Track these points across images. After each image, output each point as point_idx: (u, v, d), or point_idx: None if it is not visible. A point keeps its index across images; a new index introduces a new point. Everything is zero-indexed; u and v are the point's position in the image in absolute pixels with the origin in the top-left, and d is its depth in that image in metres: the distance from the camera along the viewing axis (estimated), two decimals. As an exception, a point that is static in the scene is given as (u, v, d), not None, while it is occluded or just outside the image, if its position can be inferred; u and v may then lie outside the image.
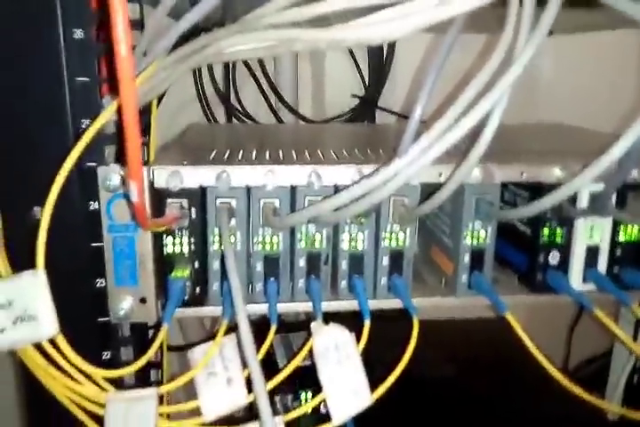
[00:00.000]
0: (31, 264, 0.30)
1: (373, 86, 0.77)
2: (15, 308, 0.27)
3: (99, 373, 0.30)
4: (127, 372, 0.31)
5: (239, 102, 0.74)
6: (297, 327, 0.51)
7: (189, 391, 0.32)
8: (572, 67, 0.77)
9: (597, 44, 0.75)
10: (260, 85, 0.75)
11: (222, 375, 0.31)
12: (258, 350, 0.30)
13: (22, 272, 0.29)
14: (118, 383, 0.33)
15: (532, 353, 0.36)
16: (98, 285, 0.34)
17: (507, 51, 0.29)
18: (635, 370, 0.53)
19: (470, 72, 0.68)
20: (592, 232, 0.40)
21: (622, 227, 0.40)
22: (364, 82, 0.77)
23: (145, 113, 0.40)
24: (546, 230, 0.39)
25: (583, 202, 0.38)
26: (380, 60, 0.75)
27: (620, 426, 0.49)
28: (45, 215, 0.29)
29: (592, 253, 0.40)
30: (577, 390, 0.36)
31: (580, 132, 0.58)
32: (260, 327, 0.34)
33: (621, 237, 0.40)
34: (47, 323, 0.28)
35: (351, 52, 0.77)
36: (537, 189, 0.38)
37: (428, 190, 0.35)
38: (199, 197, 0.35)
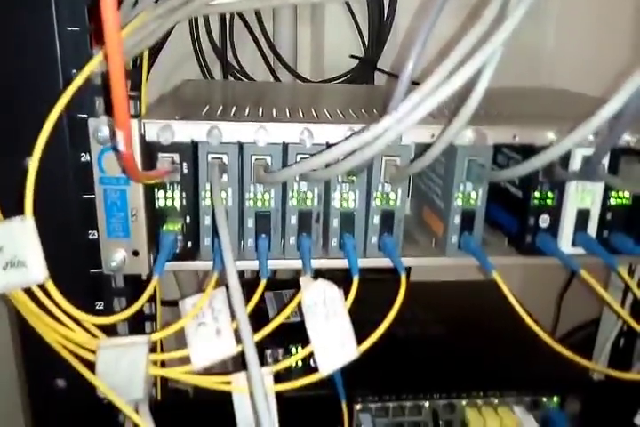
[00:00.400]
0: (19, 213, 0.31)
1: (373, 47, 0.75)
2: (5, 253, 0.28)
3: (89, 319, 0.31)
4: (118, 319, 0.32)
5: (236, 60, 0.73)
6: (290, 285, 0.52)
7: (181, 342, 0.33)
8: (583, 35, 0.76)
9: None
10: (258, 44, 0.73)
11: (212, 326, 0.32)
12: (248, 304, 0.31)
13: (11, 218, 0.29)
14: (112, 334, 0.34)
15: (519, 313, 0.36)
16: (90, 236, 0.35)
17: (499, 8, 0.28)
18: (621, 334, 0.54)
19: (461, 32, 0.67)
20: (583, 196, 0.40)
21: (613, 191, 0.40)
22: (363, 43, 0.76)
23: (137, 66, 0.40)
24: (537, 193, 0.39)
25: (575, 166, 0.38)
26: (380, 22, 0.74)
27: (605, 386, 0.51)
28: (33, 162, 0.29)
29: (582, 216, 0.40)
30: (561, 349, 0.37)
31: (580, 97, 0.58)
32: (253, 285, 0.34)
33: (612, 202, 0.40)
34: (36, 268, 0.29)
35: (352, 13, 0.75)
36: (530, 153, 0.38)
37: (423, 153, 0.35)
38: (191, 151, 0.35)
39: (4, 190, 0.32)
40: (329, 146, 0.35)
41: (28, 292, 0.30)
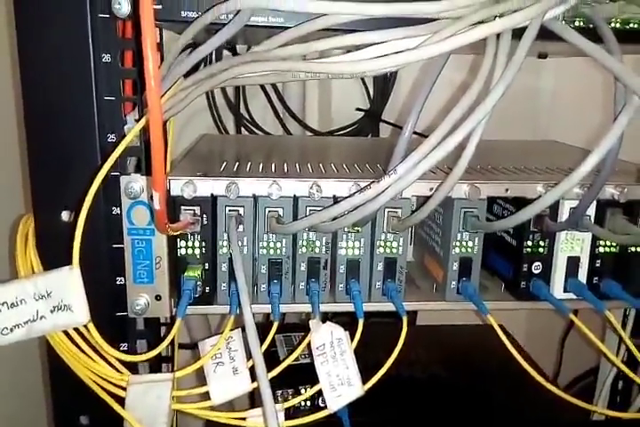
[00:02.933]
0: (58, 262, 0.34)
1: (378, 100, 0.80)
2: (53, 298, 0.31)
3: (122, 356, 0.34)
4: (147, 357, 0.34)
5: (248, 113, 0.78)
6: (298, 328, 0.54)
7: (199, 380, 0.36)
8: (578, 87, 0.80)
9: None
10: (268, 97, 0.78)
11: (229, 365, 0.34)
12: (261, 345, 0.33)
13: (60, 268, 0.33)
14: (134, 374, 0.37)
15: (513, 355, 0.39)
16: (118, 282, 0.38)
17: (487, 77, 0.33)
18: (619, 377, 0.55)
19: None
20: (573, 244, 0.43)
21: (601, 240, 0.43)
22: (368, 95, 0.81)
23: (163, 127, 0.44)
24: (529, 242, 0.42)
25: (564, 217, 0.42)
26: (384, 75, 0.79)
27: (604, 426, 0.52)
28: (80, 219, 0.33)
29: (573, 264, 0.43)
30: (556, 390, 0.39)
31: (571, 150, 0.62)
32: (264, 328, 0.37)
33: (601, 250, 0.43)
34: (80, 312, 0.32)
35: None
36: (523, 204, 0.41)
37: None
38: (210, 204, 0.38)
39: (44, 241, 0.36)
40: (336, 199, 0.39)
41: (65, 332, 0.33)
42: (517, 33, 0.34)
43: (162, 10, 0.35)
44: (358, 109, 0.80)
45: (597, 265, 0.43)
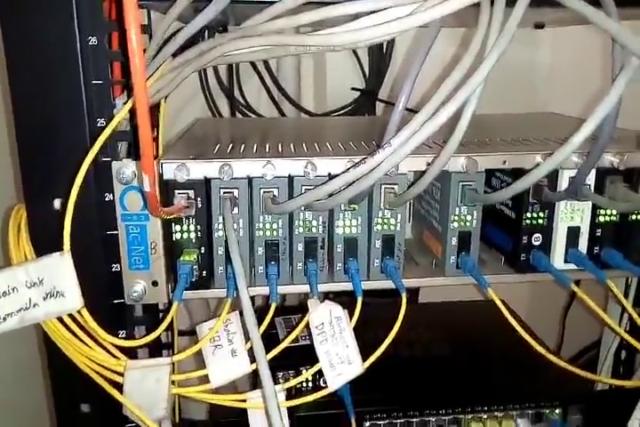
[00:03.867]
0: (51, 250, 0.34)
1: (373, 79, 0.79)
2: (45, 285, 0.31)
3: (118, 342, 0.34)
4: (143, 342, 0.34)
5: (242, 96, 0.77)
6: (298, 310, 0.54)
7: (198, 365, 0.36)
8: (576, 57, 0.78)
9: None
10: (262, 79, 0.77)
11: (227, 347, 0.34)
12: (260, 326, 0.33)
13: (51, 254, 0.32)
14: (134, 358, 0.37)
15: (516, 329, 0.38)
16: (113, 269, 0.38)
17: (479, 49, 0.32)
18: (622, 346, 0.56)
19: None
20: (572, 214, 0.42)
21: (601, 209, 0.43)
22: (364, 74, 0.80)
23: (154, 109, 0.43)
24: (528, 214, 0.42)
25: (563, 186, 0.41)
26: (380, 53, 0.77)
27: (607, 395, 0.52)
28: (69, 205, 0.32)
29: (573, 234, 0.43)
30: (559, 361, 0.39)
31: (570, 121, 0.61)
32: (263, 310, 0.37)
33: (601, 219, 0.43)
34: (73, 298, 0.32)
35: (351, 46, 0.79)
36: (522, 176, 0.41)
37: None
38: (204, 187, 0.38)
39: (36, 229, 0.35)
40: (331, 177, 0.38)
41: (59, 319, 0.33)
42: (512, 1, 0.33)
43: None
44: (354, 89, 0.79)
45: (598, 235, 0.43)
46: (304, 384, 0.47)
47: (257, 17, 0.33)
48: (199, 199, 0.38)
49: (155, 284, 0.38)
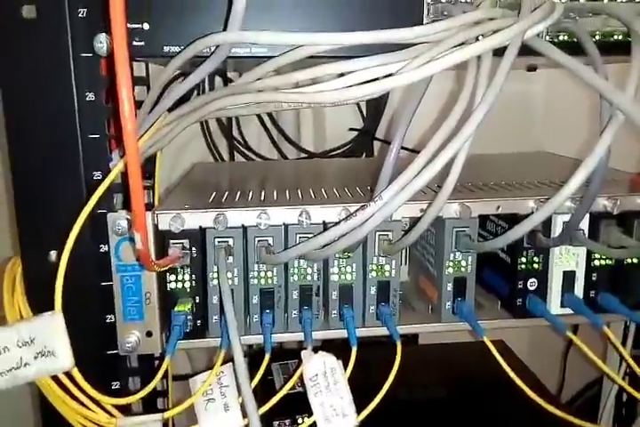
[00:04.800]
0: (48, 303, 0.34)
1: (371, 119, 0.80)
2: (36, 344, 0.31)
3: (108, 400, 0.34)
4: (134, 399, 0.34)
5: (242, 138, 0.78)
6: (295, 355, 0.54)
7: (192, 418, 0.35)
8: (571, 97, 0.80)
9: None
10: (262, 121, 0.79)
11: (220, 401, 0.34)
12: (255, 376, 0.33)
13: (42, 314, 0.33)
14: (127, 411, 0.36)
15: (509, 376, 0.38)
16: (108, 320, 0.38)
17: (469, 100, 0.33)
18: (622, 389, 0.54)
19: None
20: (568, 259, 0.42)
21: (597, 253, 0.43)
22: (362, 114, 0.81)
23: (151, 159, 0.44)
24: (523, 259, 0.42)
25: (557, 232, 0.41)
26: (376, 94, 0.79)
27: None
28: (63, 259, 0.33)
29: (569, 278, 0.43)
30: (556, 411, 0.38)
31: (564, 161, 0.61)
32: (260, 357, 0.37)
33: (596, 263, 0.43)
34: (64, 357, 0.32)
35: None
36: (517, 220, 0.41)
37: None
38: (199, 236, 0.38)
39: (32, 282, 0.36)
40: (325, 225, 0.39)
41: (53, 377, 0.33)
42: (500, 51, 0.34)
43: (144, 46, 0.35)
44: (352, 129, 0.81)
45: (594, 279, 0.43)
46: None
47: (250, 73, 0.34)
48: (194, 249, 0.38)
49: (149, 334, 0.38)
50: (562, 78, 0.77)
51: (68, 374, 0.33)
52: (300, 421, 0.46)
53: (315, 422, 0.34)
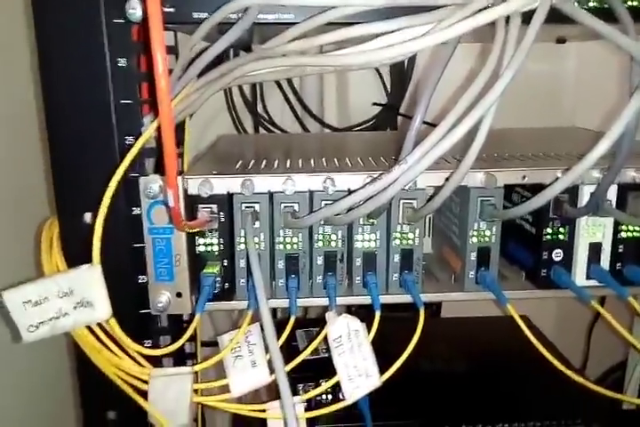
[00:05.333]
0: (85, 261, 0.35)
1: (395, 93, 0.80)
2: (75, 295, 0.32)
3: (143, 350, 0.35)
4: (167, 351, 0.36)
5: (266, 112, 0.79)
6: (319, 323, 0.55)
7: (220, 374, 0.37)
8: (602, 70, 0.78)
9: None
10: (286, 96, 0.79)
11: (247, 358, 0.35)
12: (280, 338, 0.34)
13: (81, 266, 0.34)
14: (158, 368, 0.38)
15: (533, 349, 0.38)
16: (140, 281, 0.39)
17: (495, 66, 0.32)
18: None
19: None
20: (594, 230, 0.42)
21: (624, 225, 0.42)
22: (386, 89, 0.81)
23: (180, 127, 0.45)
24: (549, 229, 0.42)
25: (584, 202, 0.41)
26: (401, 68, 0.78)
27: (632, 415, 0.51)
28: (99, 219, 0.34)
29: (595, 250, 0.42)
30: (581, 379, 0.38)
31: (593, 135, 0.60)
32: (285, 323, 0.37)
33: (623, 235, 0.42)
34: (102, 308, 0.34)
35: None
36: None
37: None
38: (227, 202, 0.39)
39: (68, 242, 0.37)
40: (349, 192, 0.39)
41: (88, 328, 0.35)
42: (528, 19, 0.33)
43: (174, 13, 0.36)
44: (375, 104, 0.80)
45: (620, 251, 0.42)
46: (324, 396, 0.47)
47: (276, 38, 0.34)
48: (222, 213, 0.39)
49: (179, 295, 0.39)
50: (593, 52, 0.75)
51: (102, 327, 0.35)
52: (323, 384, 0.47)
53: (338, 382, 0.35)
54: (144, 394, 0.35)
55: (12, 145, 0.52)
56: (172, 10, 0.36)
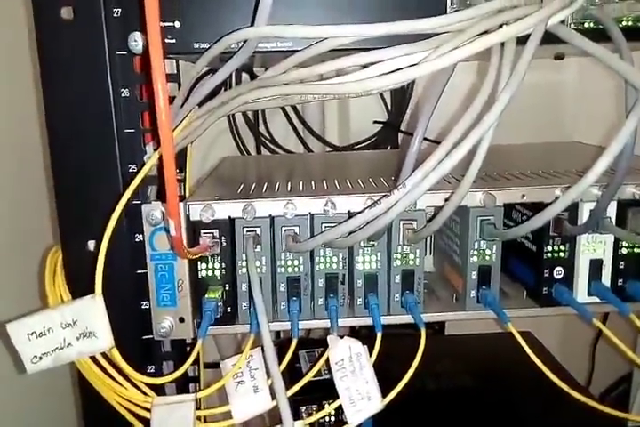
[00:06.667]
0: (88, 289, 0.36)
1: (395, 111, 0.81)
2: (78, 326, 0.33)
3: (146, 379, 0.35)
4: (169, 379, 0.36)
5: (268, 133, 0.80)
6: (322, 344, 0.55)
7: (223, 399, 0.37)
8: (602, 86, 0.78)
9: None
10: (288, 116, 0.80)
11: (249, 383, 0.35)
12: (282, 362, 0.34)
13: (84, 297, 0.34)
14: (161, 395, 0.38)
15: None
16: (143, 307, 0.39)
17: (492, 87, 0.33)
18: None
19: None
20: (595, 247, 0.42)
21: (624, 241, 0.42)
22: (386, 107, 0.81)
23: (182, 153, 0.46)
24: (549, 247, 0.42)
25: (584, 219, 0.41)
26: (401, 86, 0.79)
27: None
28: (102, 248, 0.35)
29: (595, 266, 0.42)
30: (584, 398, 0.38)
31: (592, 151, 0.61)
32: (288, 345, 0.38)
33: (624, 251, 0.42)
34: (104, 338, 0.34)
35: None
36: (542, 209, 0.41)
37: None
38: (228, 226, 0.40)
39: (71, 270, 0.38)
40: (350, 215, 0.39)
41: (92, 358, 0.35)
42: (523, 39, 0.34)
43: (175, 43, 0.37)
44: (376, 122, 0.81)
45: (621, 267, 0.42)
46: (327, 419, 0.47)
47: (276, 67, 0.35)
48: (224, 238, 0.40)
49: (181, 320, 0.39)
50: (592, 68, 0.76)
51: (106, 357, 0.35)
52: (326, 407, 0.47)
53: (340, 406, 0.35)
54: (148, 423, 0.35)
55: (17, 173, 0.53)
56: (173, 41, 0.36)
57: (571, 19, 0.39)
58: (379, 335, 0.38)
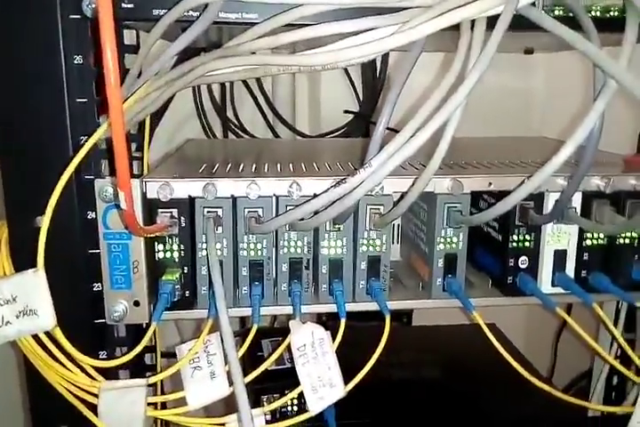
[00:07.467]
0: (31, 267, 0.33)
1: (367, 102, 0.80)
2: (18, 303, 0.31)
3: (92, 362, 0.33)
4: (118, 363, 0.34)
5: (237, 118, 0.78)
6: (287, 332, 0.53)
7: (179, 385, 0.35)
8: (570, 82, 0.79)
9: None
10: (257, 102, 0.78)
11: (206, 369, 0.33)
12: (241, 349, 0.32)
13: (25, 271, 0.32)
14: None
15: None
16: (95, 289, 0.37)
17: (460, 70, 0.32)
18: (613, 372, 0.55)
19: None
20: (559, 238, 0.42)
21: (589, 233, 0.42)
22: (358, 98, 0.81)
23: (142, 130, 0.44)
24: (515, 236, 0.42)
25: (549, 209, 0.41)
26: (373, 77, 0.78)
27: (600, 422, 0.51)
28: (45, 220, 0.32)
29: (560, 257, 0.42)
30: (548, 388, 0.38)
31: (560, 145, 0.61)
32: (249, 332, 0.36)
33: (588, 242, 0.43)
34: (46, 316, 0.32)
35: (346, 70, 0.80)
36: (507, 198, 0.41)
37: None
38: (188, 206, 0.38)
39: (17, 247, 0.35)
40: (314, 196, 0.38)
41: (36, 338, 0.33)
42: (494, 24, 0.33)
43: (133, 9, 0.35)
44: (347, 112, 0.80)
45: (585, 258, 0.43)
46: (289, 408, 0.46)
47: (240, 37, 0.33)
48: (183, 218, 0.38)
49: (136, 304, 0.37)
50: (562, 63, 0.77)
51: (52, 338, 0.33)
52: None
53: (302, 393, 0.34)
54: (95, 408, 0.33)
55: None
56: (130, 6, 0.34)
57: (542, 5, 0.38)
58: (342, 321, 0.36)
